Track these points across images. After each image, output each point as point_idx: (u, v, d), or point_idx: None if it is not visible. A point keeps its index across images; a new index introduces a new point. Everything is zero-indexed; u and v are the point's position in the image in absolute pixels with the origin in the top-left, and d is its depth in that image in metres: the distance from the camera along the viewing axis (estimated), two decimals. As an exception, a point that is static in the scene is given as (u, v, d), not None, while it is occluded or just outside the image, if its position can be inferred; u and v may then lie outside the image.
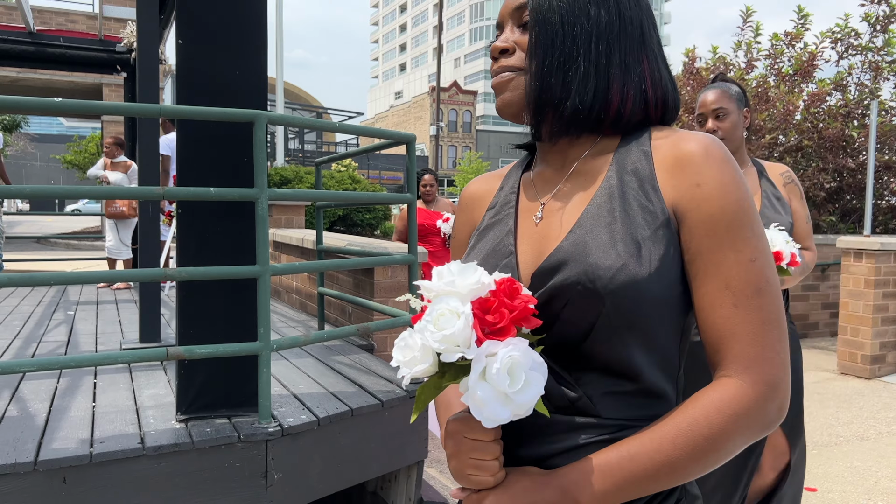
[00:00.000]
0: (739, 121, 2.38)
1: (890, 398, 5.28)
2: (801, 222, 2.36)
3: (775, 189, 2.35)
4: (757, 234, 0.82)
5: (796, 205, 2.37)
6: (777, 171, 2.42)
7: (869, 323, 5.84)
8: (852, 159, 7.58)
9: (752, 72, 7.89)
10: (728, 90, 2.40)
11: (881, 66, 7.53)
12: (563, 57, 0.87)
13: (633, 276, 0.80)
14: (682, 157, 0.84)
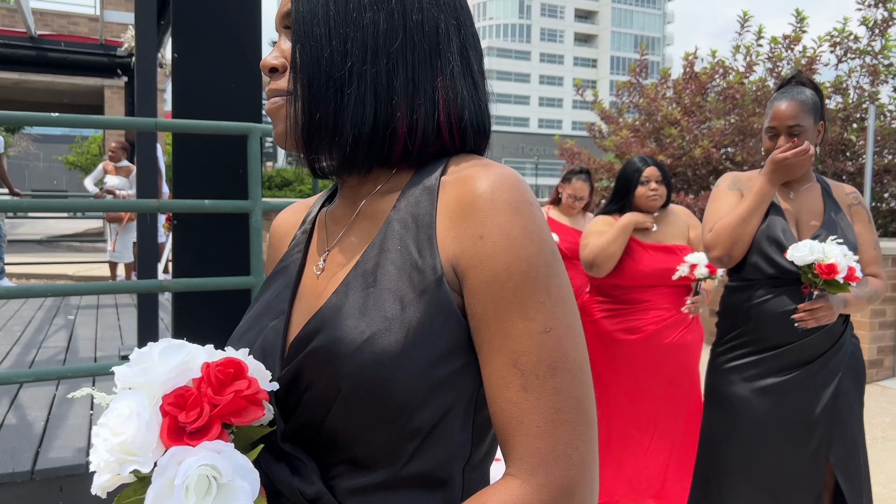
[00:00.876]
0: (814, 137, 2.16)
1: (887, 402, 5.30)
2: (867, 248, 2.21)
3: (838, 209, 2.21)
4: (555, 298, 0.66)
5: (861, 228, 2.21)
6: (843, 192, 2.26)
7: (867, 328, 5.86)
8: (851, 163, 7.60)
9: (752, 76, 7.92)
10: (806, 102, 2.13)
11: (879, 69, 7.55)
12: (332, 79, 0.71)
13: (381, 352, 0.65)
14: (467, 200, 0.68)
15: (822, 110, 2.20)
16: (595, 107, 8.97)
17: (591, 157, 8.95)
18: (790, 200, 2.24)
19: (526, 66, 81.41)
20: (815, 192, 2.24)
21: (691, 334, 3.00)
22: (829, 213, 2.18)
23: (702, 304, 2.94)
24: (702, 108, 7.74)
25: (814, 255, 1.97)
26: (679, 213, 3.12)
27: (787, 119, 2.10)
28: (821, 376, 2.15)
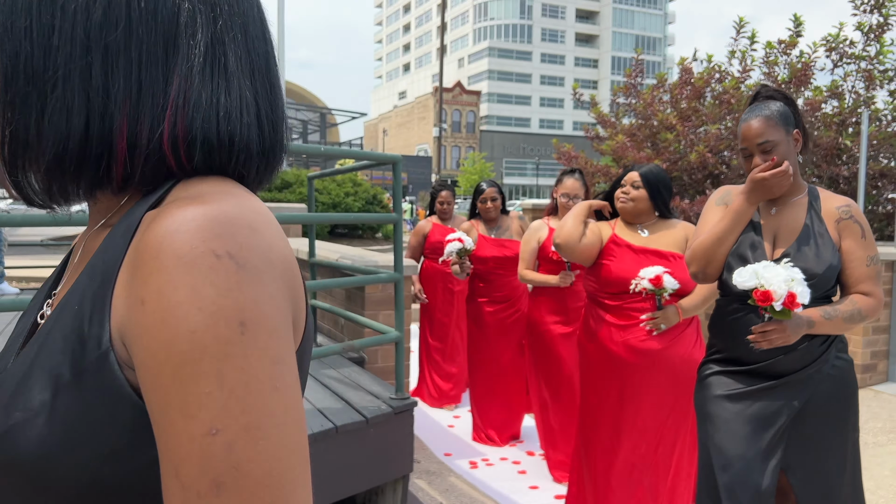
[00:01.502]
0: (789, 148, 2.09)
1: (879, 407, 5.33)
2: (858, 265, 2.09)
3: (821, 225, 2.11)
4: (230, 389, 0.47)
5: (851, 244, 2.10)
6: (833, 205, 2.15)
7: (860, 332, 5.88)
8: (847, 167, 7.62)
9: (748, 80, 7.94)
10: (771, 116, 2.09)
11: (874, 74, 7.57)
12: (34, 81, 0.55)
13: (15, 453, 0.52)
14: (140, 249, 0.51)
15: (796, 118, 2.15)
16: (592, 111, 9.00)
17: (589, 160, 8.97)
18: (770, 217, 2.20)
19: (527, 67, 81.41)
20: (800, 207, 2.17)
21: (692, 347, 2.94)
22: (806, 230, 2.12)
23: (664, 320, 2.87)
24: (698, 112, 7.76)
25: (752, 281, 1.92)
26: (679, 225, 3.07)
27: (755, 138, 2.10)
28: (790, 392, 2.12)
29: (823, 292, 2.09)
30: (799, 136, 2.13)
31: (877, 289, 2.09)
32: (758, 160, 2.10)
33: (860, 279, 2.08)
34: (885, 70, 7.66)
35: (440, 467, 4.08)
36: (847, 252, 2.09)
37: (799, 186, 2.19)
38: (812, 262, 2.07)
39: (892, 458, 4.16)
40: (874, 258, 2.10)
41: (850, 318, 2.03)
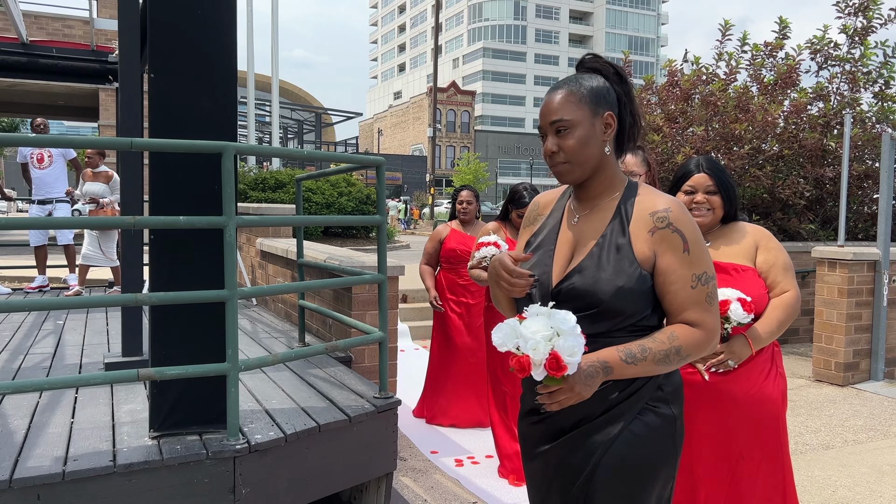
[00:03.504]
0: (594, 133, 1.62)
1: (860, 405, 5.41)
2: (679, 287, 1.58)
3: (624, 235, 1.61)
4: None
5: (668, 261, 1.58)
6: (648, 209, 1.62)
7: (842, 331, 5.97)
8: (831, 168, 7.71)
9: (735, 82, 8.02)
10: (575, 92, 1.64)
11: (857, 77, 7.65)
12: None
13: None
14: None
15: (620, 100, 1.67)
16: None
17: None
18: (573, 225, 1.72)
19: (521, 67, 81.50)
20: (607, 212, 1.67)
21: (763, 379, 2.43)
22: (600, 243, 1.63)
23: (732, 356, 2.34)
24: (685, 114, 7.83)
25: (509, 343, 1.47)
26: (747, 231, 2.53)
27: (549, 114, 1.64)
28: (571, 455, 1.67)
29: (619, 324, 1.59)
30: (612, 119, 1.64)
31: (707, 316, 1.58)
32: (549, 142, 1.64)
33: (683, 305, 1.58)
34: (869, 72, 7.74)
35: (426, 465, 4.14)
36: (664, 271, 1.58)
37: (610, 184, 1.68)
38: (595, 285, 1.58)
39: (871, 456, 4.23)
40: (703, 277, 1.59)
41: (665, 358, 1.56)
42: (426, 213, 35.68)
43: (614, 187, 1.70)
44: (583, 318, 1.57)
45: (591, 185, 1.70)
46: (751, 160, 7.72)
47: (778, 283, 2.46)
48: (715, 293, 1.62)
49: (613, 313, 1.58)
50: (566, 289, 1.62)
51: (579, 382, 1.50)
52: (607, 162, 1.67)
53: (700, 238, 1.61)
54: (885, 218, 6.08)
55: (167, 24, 2.65)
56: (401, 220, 33.28)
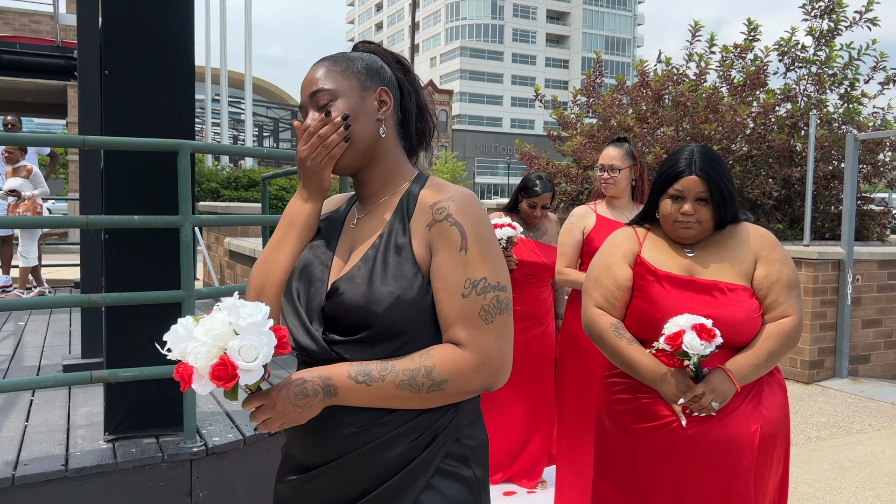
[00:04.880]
0: (364, 108, 1.32)
1: (825, 402, 5.49)
2: (447, 296, 1.22)
3: (405, 234, 1.28)
4: None
5: (440, 261, 1.24)
6: (430, 200, 1.30)
7: (808, 329, 6.05)
8: (798, 169, 7.82)
9: (704, 83, 8.10)
10: (341, 61, 1.37)
11: (823, 78, 7.77)
12: None
13: None
14: None
15: (400, 82, 1.41)
16: (553, 112, 9.10)
17: (551, 161, 9.07)
18: (352, 229, 1.38)
19: (499, 67, 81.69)
20: (387, 210, 1.34)
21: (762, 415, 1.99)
22: (376, 244, 1.28)
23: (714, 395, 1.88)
24: (656, 114, 7.90)
25: (176, 350, 1.11)
26: (747, 238, 2.02)
27: (309, 86, 1.34)
28: None
29: (404, 349, 1.22)
30: (388, 95, 1.35)
31: (479, 336, 1.20)
32: (312, 117, 1.32)
33: (450, 318, 1.22)
34: (835, 74, 7.86)
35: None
36: (434, 273, 1.24)
37: (392, 176, 1.37)
38: (367, 296, 1.21)
39: (832, 452, 4.29)
40: (481, 284, 1.23)
41: (410, 382, 1.18)
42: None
43: (398, 179, 1.38)
44: (358, 342, 1.21)
45: (370, 178, 1.37)
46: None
47: (779, 304, 1.96)
48: (502, 307, 1.23)
49: (394, 333, 1.21)
50: (332, 304, 1.24)
51: (282, 400, 1.13)
52: (385, 147, 1.36)
53: (489, 237, 1.27)
54: (849, 218, 6.17)
55: (121, 18, 2.60)
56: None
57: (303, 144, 1.31)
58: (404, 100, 1.41)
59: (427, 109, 1.45)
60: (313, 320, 1.26)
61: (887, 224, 8.90)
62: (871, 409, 5.27)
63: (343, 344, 1.23)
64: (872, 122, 8.17)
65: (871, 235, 8.56)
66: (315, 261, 1.34)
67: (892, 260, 6.39)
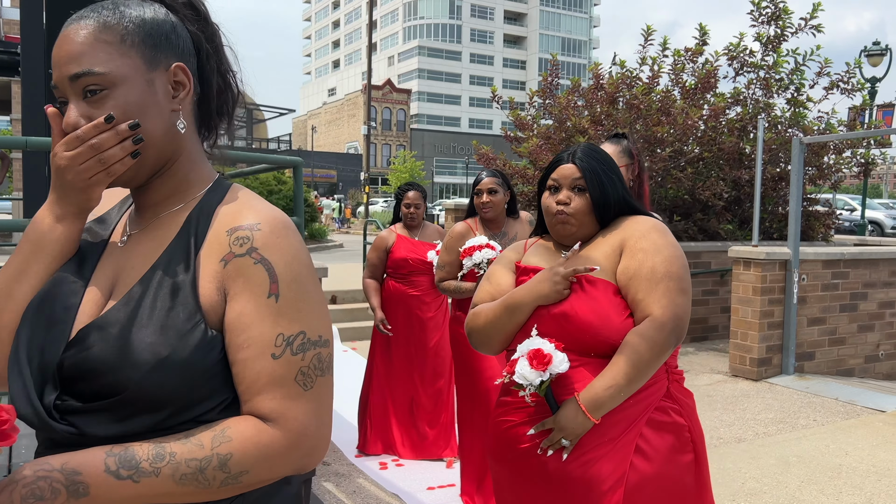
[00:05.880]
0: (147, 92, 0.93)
1: (772, 399, 5.64)
2: (253, 355, 0.94)
3: (183, 270, 0.97)
4: None
5: (240, 310, 0.94)
6: (228, 224, 0.98)
7: (756, 328, 6.22)
8: (747, 171, 8.02)
9: (657, 86, 8.26)
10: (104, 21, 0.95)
11: (771, 83, 8.00)
12: None
13: None
14: None
15: (196, 46, 1.03)
16: (510, 113, 9.16)
17: (508, 162, 9.13)
18: (119, 249, 1.02)
19: (457, 67, 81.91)
20: (169, 230, 0.99)
21: None
22: (142, 284, 0.95)
23: (563, 432, 1.65)
24: (610, 116, 8.02)
25: None
26: (621, 226, 1.81)
27: (67, 63, 0.97)
28: None
29: (168, 422, 0.91)
30: (186, 75, 1.00)
31: (294, 409, 0.93)
32: (72, 115, 0.94)
33: (255, 385, 0.93)
34: (781, 79, 8.09)
35: (350, 469, 4.10)
36: (231, 326, 0.93)
37: (184, 183, 1.02)
38: (121, 354, 0.90)
39: (779, 448, 4.42)
40: (299, 340, 0.95)
41: (196, 476, 0.88)
42: (360, 212, 35.42)
43: (192, 185, 1.02)
44: (102, 412, 0.89)
45: (155, 185, 1.01)
46: (672, 162, 7.96)
47: (638, 302, 1.68)
48: (324, 367, 0.96)
49: (158, 404, 0.89)
50: (72, 359, 0.90)
51: None
52: (181, 145, 1.00)
53: (307, 277, 0.97)
54: (794, 219, 6.36)
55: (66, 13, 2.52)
56: (335, 218, 32.93)
57: (65, 149, 0.93)
58: (203, 68, 1.04)
59: (232, 77, 1.08)
60: (47, 381, 0.91)
61: (831, 225, 9.21)
62: (815, 405, 5.44)
63: (82, 414, 0.89)
64: (817, 126, 8.44)
65: (817, 236, 8.84)
66: (59, 295, 0.95)
67: (836, 260, 6.61)
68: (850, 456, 4.23)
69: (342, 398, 5.40)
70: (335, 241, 20.91)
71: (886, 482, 3.82)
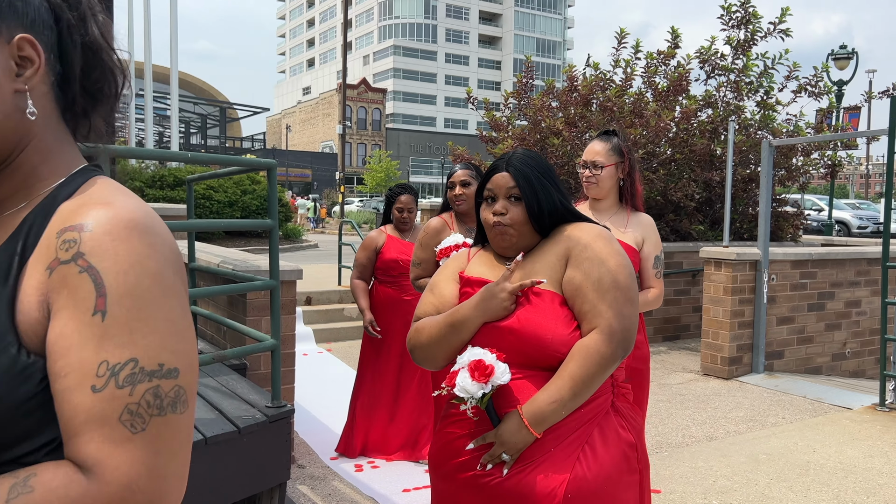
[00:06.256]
0: None
1: (742, 397, 5.74)
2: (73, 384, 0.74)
3: (5, 279, 0.79)
4: None
5: (60, 329, 0.76)
6: (62, 223, 0.80)
7: (727, 327, 6.32)
8: (718, 172, 8.15)
9: (630, 88, 8.35)
10: None
11: (741, 86, 8.13)
12: None
13: None
14: None
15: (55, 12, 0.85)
16: (486, 115, 9.20)
17: (483, 162, 9.16)
18: None
19: (432, 66, 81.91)
20: (8, 229, 0.85)
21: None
22: None
23: (504, 446, 1.60)
24: (584, 118, 8.09)
25: None
26: (565, 234, 1.72)
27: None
28: None
29: None
30: (34, 48, 0.83)
31: (121, 454, 0.73)
32: None
33: (73, 425, 0.74)
34: (751, 82, 8.23)
35: (325, 472, 4.08)
36: (53, 350, 0.76)
37: (31, 177, 0.86)
38: None
39: (749, 445, 4.49)
40: (126, 369, 0.75)
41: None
42: (336, 212, 35.27)
43: (43, 178, 0.86)
44: None
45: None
46: (645, 164, 8.05)
47: (584, 314, 1.62)
48: (164, 405, 0.77)
49: None
50: None
51: None
52: (32, 132, 0.84)
53: (149, 291, 0.78)
54: (764, 220, 6.47)
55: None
56: (310, 218, 32.76)
57: None
58: (64, 42, 0.86)
59: (104, 47, 0.89)
60: None
61: (800, 225, 9.38)
62: (784, 403, 5.54)
63: None
64: (786, 129, 8.60)
65: (785, 236, 9.00)
66: None
67: (804, 260, 6.74)
68: (817, 453, 4.32)
69: (317, 400, 5.39)
70: (310, 242, 20.80)
71: (853, 479, 3.91)
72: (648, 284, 2.86)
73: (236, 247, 13.64)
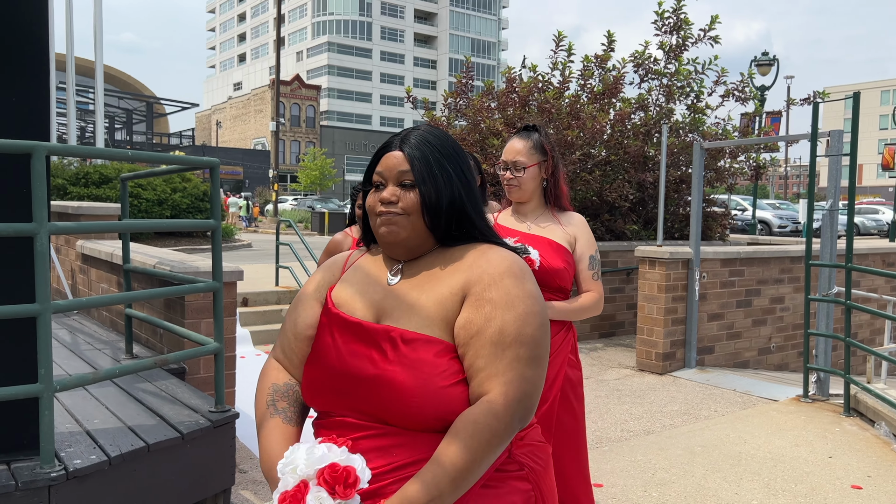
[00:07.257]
0: None
1: (677, 391, 5.93)
2: None
3: None
4: None
5: None
6: None
7: (661, 324, 6.51)
8: (651, 174, 8.39)
9: (567, 91, 8.50)
10: None
11: (673, 90, 8.40)
12: None
13: None
14: None
15: None
16: (425, 114, 9.20)
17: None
18: None
19: (367, 64, 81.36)
20: None
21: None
22: None
23: None
24: (523, 119, 8.18)
25: None
26: (469, 265, 1.33)
27: None
28: None
29: None
30: None
31: None
32: None
33: None
34: (682, 86, 8.51)
35: (268, 476, 4.01)
36: None
37: None
38: None
39: (685, 438, 4.65)
40: None
41: None
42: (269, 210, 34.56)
43: None
44: None
45: None
46: (581, 165, 8.22)
47: (477, 371, 1.24)
48: None
49: None
50: None
51: None
52: None
53: None
54: (696, 220, 6.70)
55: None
56: (242, 217, 32.01)
57: None
58: None
59: None
60: None
61: (727, 224, 9.76)
62: (716, 396, 5.76)
63: None
64: (715, 132, 8.92)
65: (714, 235, 9.35)
66: None
67: (733, 259, 7.02)
68: (748, 444, 4.51)
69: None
70: (243, 241, 20.33)
71: (781, 468, 4.10)
72: (586, 288, 2.55)
73: (167, 247, 13.22)
